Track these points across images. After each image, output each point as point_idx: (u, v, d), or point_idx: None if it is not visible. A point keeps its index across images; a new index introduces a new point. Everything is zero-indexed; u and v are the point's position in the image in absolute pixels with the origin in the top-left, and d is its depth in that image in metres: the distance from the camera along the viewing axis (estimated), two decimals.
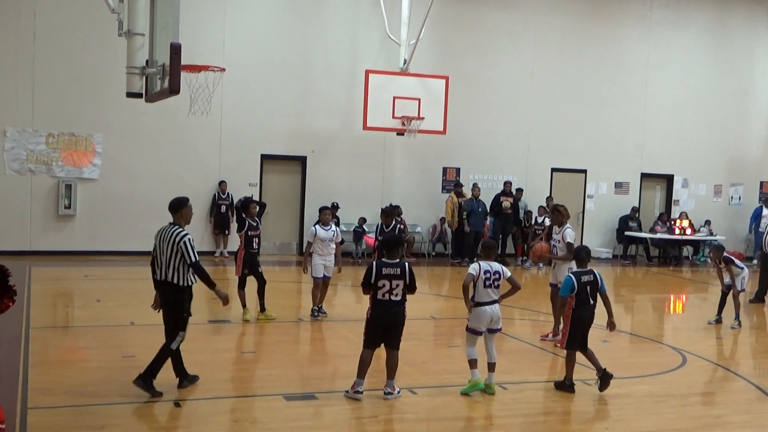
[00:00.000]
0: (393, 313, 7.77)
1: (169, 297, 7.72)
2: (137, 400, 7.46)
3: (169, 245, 7.63)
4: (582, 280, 8.26)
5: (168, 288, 7.71)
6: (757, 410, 8.47)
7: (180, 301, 7.71)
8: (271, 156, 19.42)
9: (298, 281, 15.86)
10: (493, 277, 8.10)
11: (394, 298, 7.73)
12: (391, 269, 7.73)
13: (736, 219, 23.79)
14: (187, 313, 7.80)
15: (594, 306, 8.36)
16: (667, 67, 22.76)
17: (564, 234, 10.64)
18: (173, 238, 7.63)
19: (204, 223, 18.84)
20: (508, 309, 13.78)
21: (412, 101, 17.67)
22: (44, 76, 17.51)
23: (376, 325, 7.78)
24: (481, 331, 8.15)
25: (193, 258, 7.61)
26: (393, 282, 7.70)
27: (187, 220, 7.95)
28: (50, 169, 17.72)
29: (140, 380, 7.53)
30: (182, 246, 7.59)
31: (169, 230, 7.74)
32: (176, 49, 7.51)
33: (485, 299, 8.11)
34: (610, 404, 8.15)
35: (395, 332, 7.83)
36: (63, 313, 12.69)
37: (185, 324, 7.78)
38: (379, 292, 7.71)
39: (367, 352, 7.84)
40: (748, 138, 23.99)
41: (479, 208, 19.66)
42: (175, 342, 7.68)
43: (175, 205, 7.93)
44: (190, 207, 8.00)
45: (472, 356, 8.12)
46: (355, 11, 19.83)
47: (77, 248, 17.68)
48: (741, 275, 12.57)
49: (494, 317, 8.15)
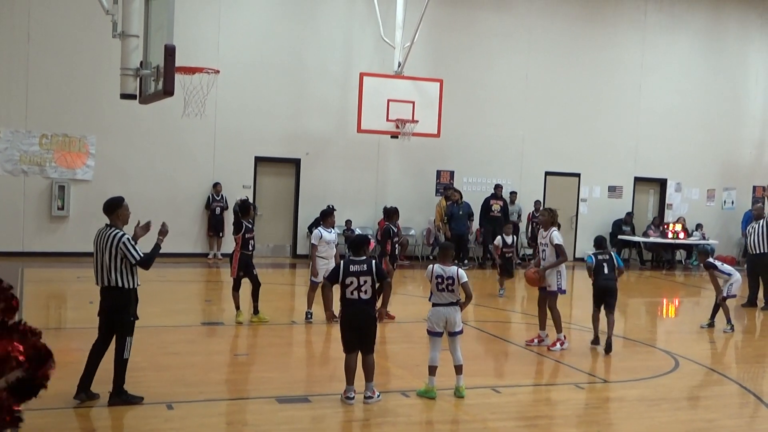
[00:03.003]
0: (362, 316, 7.72)
1: (113, 302, 7.45)
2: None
3: (108, 248, 7.38)
4: (599, 258, 10.65)
5: (111, 293, 7.44)
6: (750, 414, 8.50)
7: (125, 305, 7.42)
8: (265, 158, 19.41)
9: (292, 284, 15.85)
10: (446, 282, 8.07)
11: (363, 296, 7.70)
12: (358, 266, 7.73)
13: (729, 223, 23.87)
14: (133, 316, 7.51)
15: (613, 278, 10.67)
16: (660, 71, 22.82)
17: (551, 237, 10.60)
18: (111, 241, 7.39)
19: (198, 224, 18.83)
20: (503, 312, 13.80)
21: (407, 104, 17.68)
22: (38, 77, 17.47)
23: (350, 328, 7.76)
24: (437, 331, 8.11)
25: (137, 256, 7.34)
26: (360, 278, 7.68)
27: (124, 221, 7.64)
28: (43, 170, 17.68)
29: (115, 398, 7.36)
30: (122, 247, 7.33)
31: (106, 233, 7.48)
32: (170, 51, 7.50)
33: (440, 301, 8.11)
34: (602, 408, 8.16)
35: (367, 337, 7.80)
36: (56, 314, 12.66)
37: (132, 329, 7.48)
38: (347, 290, 7.70)
39: (349, 357, 7.81)
40: (741, 142, 24.07)
41: (460, 212, 19.59)
42: (126, 350, 7.39)
43: (109, 206, 7.64)
44: (126, 207, 7.70)
45: (432, 363, 8.08)
46: (349, 14, 19.84)
47: (70, 249, 17.62)
48: (729, 281, 12.55)
49: (449, 319, 8.07)
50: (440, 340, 8.14)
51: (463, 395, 8.08)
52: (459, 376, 8.16)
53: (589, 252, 11.63)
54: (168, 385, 7.95)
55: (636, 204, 23.08)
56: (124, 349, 7.38)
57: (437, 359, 8.11)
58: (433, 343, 8.16)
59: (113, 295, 7.43)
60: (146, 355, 7.81)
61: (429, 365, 8.12)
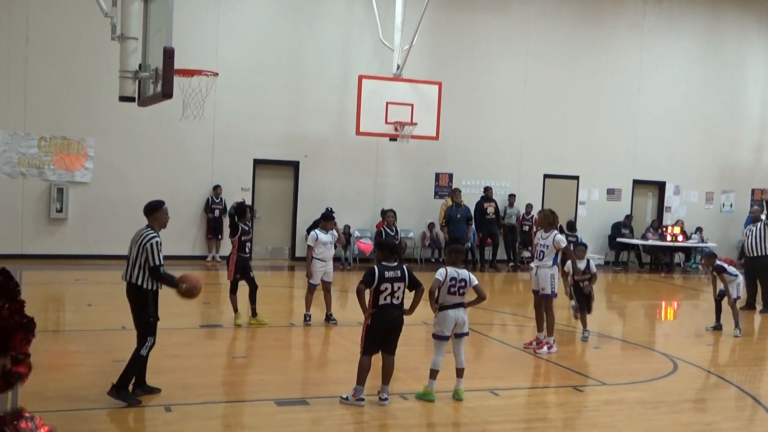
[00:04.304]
0: (393, 319, 7.76)
1: (132, 298, 7.62)
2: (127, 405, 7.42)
3: (137, 246, 7.54)
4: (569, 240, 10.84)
5: (131, 289, 7.61)
6: (748, 417, 8.50)
7: (144, 304, 7.56)
8: (264, 161, 19.41)
9: (290, 286, 15.85)
10: (459, 284, 8.08)
11: (395, 301, 7.73)
12: (392, 272, 7.73)
13: (728, 226, 23.88)
14: (153, 317, 7.62)
15: None
16: (659, 74, 22.85)
17: (556, 241, 10.53)
18: (141, 240, 7.55)
19: (197, 227, 18.82)
20: (502, 315, 13.80)
21: (405, 107, 17.67)
22: (37, 80, 17.47)
23: (376, 332, 7.75)
24: (446, 335, 8.09)
25: (155, 262, 7.45)
26: (395, 284, 7.70)
27: (161, 224, 7.77)
28: (42, 173, 17.67)
29: (114, 391, 7.41)
30: (147, 248, 7.46)
31: (142, 232, 7.67)
32: (169, 54, 7.50)
33: (450, 302, 8.09)
34: (601, 411, 8.15)
35: (393, 338, 7.83)
36: (54, 317, 12.65)
37: (152, 329, 7.61)
38: (381, 297, 7.69)
39: (365, 358, 7.80)
40: (739, 145, 24.09)
41: (458, 215, 19.47)
42: (144, 348, 7.54)
43: (149, 208, 7.82)
44: (165, 211, 7.82)
45: (435, 366, 8.06)
46: (348, 16, 19.86)
47: (69, 252, 17.63)
48: (735, 282, 12.59)
49: (459, 321, 8.07)
50: (446, 344, 8.12)
51: (462, 398, 8.08)
52: (459, 379, 8.15)
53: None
54: (166, 388, 7.94)
55: (635, 207, 23.09)
56: (143, 346, 7.57)
57: (440, 363, 8.08)
58: (438, 347, 8.13)
59: (132, 292, 7.60)
60: None
61: (431, 369, 8.09)
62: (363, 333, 7.85)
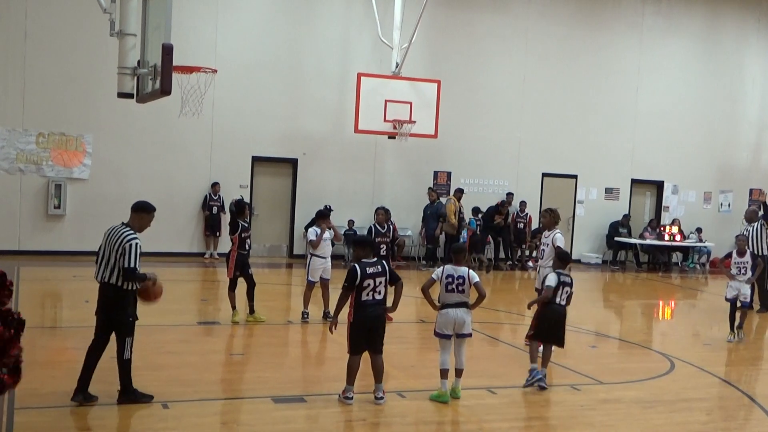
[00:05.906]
0: (375, 316, 7.75)
1: (108, 299, 7.35)
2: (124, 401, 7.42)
3: (115, 244, 7.24)
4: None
5: (108, 290, 7.34)
6: (744, 416, 8.51)
7: (122, 304, 7.32)
8: (263, 158, 19.39)
9: (288, 283, 15.85)
10: (457, 281, 8.04)
11: (378, 296, 7.72)
12: (373, 267, 7.74)
13: (726, 226, 23.87)
14: (132, 317, 7.41)
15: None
16: (657, 74, 22.84)
17: (554, 238, 10.55)
18: (120, 238, 7.24)
19: (194, 224, 18.80)
20: (499, 314, 13.80)
21: (404, 105, 17.67)
22: (35, 76, 17.44)
23: (359, 329, 7.74)
24: (447, 334, 8.07)
25: (132, 263, 7.13)
26: (376, 280, 7.70)
27: (141, 228, 7.47)
28: (40, 169, 17.65)
29: (124, 397, 7.37)
30: (127, 248, 7.15)
31: (119, 229, 7.35)
32: (168, 50, 7.49)
33: (449, 301, 8.07)
34: (598, 410, 8.16)
35: (377, 336, 7.81)
36: (51, 313, 12.64)
37: (131, 329, 7.39)
38: (363, 293, 7.68)
39: (353, 358, 7.80)
40: (737, 145, 24.10)
41: (428, 212, 19.75)
42: (126, 351, 7.32)
43: (138, 207, 7.55)
44: (151, 217, 7.57)
45: (443, 366, 8.03)
46: (347, 14, 19.84)
47: (66, 248, 17.61)
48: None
49: (458, 321, 8.01)
50: (450, 342, 8.09)
51: (458, 396, 8.08)
52: (458, 379, 8.14)
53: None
54: (163, 385, 7.94)
55: (633, 206, 23.10)
56: (125, 349, 7.32)
57: (448, 362, 8.05)
58: (442, 346, 8.11)
59: (109, 293, 7.33)
60: (142, 355, 7.82)
61: (440, 368, 8.06)
62: (348, 332, 7.84)
